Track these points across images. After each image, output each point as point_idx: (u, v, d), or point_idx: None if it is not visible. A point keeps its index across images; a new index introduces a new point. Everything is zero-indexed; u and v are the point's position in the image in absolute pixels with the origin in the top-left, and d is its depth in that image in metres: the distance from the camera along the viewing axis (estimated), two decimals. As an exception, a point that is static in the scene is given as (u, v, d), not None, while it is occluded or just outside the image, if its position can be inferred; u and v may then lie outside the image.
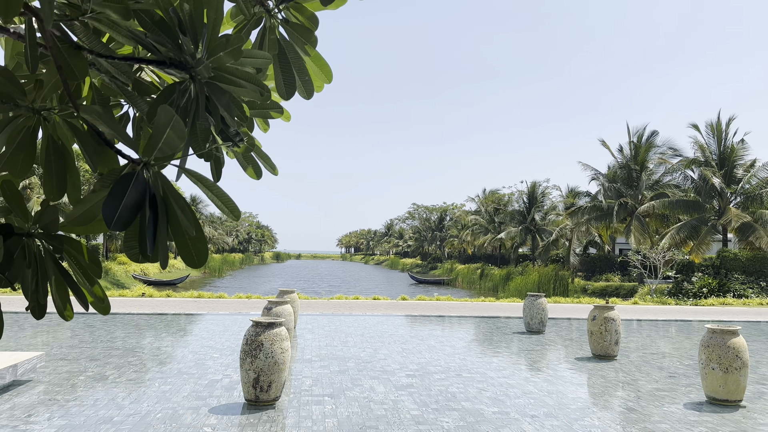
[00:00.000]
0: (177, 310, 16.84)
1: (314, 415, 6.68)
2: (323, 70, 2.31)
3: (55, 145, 1.86)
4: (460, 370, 9.39)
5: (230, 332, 12.72)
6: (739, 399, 7.55)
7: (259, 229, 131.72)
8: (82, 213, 1.59)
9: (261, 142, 2.43)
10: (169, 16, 1.68)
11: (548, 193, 52.85)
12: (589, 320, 10.95)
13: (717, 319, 17.89)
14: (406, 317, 16.43)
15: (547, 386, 8.38)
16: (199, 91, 1.75)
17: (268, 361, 6.84)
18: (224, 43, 1.67)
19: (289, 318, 11.20)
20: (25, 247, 1.72)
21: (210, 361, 9.57)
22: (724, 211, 30.57)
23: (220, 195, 1.78)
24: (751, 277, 28.92)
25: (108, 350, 10.40)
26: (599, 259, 42.18)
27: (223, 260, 76.87)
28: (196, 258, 1.64)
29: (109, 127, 1.56)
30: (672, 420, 6.82)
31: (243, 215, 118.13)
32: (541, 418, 6.76)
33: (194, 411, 6.71)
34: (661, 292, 29.49)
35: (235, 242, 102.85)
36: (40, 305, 1.79)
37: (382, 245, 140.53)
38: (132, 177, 1.52)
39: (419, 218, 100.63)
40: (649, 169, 36.54)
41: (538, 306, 13.88)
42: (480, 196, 66.27)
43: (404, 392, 7.83)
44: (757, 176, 31.19)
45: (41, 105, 1.84)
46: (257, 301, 19.98)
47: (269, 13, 2.11)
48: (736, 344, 7.54)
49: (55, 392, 7.44)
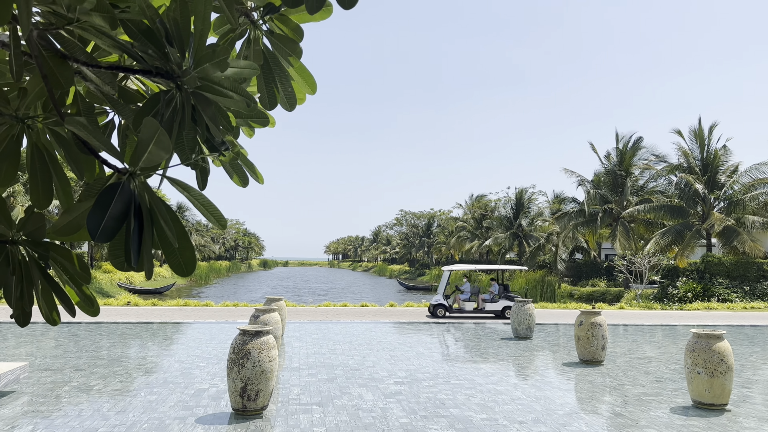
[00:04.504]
0: (163, 318, 16.68)
1: (302, 424, 6.64)
2: (307, 81, 2.32)
3: (40, 153, 1.85)
4: (448, 376, 9.39)
5: (217, 341, 12.63)
6: (725, 403, 7.61)
7: (246, 237, 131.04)
8: (68, 222, 1.58)
9: (247, 149, 2.43)
10: (156, 26, 1.68)
11: (535, 199, 53.20)
12: (576, 325, 11.01)
13: (702, 323, 18.06)
14: (395, 324, 16.41)
15: (535, 392, 8.40)
16: (185, 100, 1.75)
17: (256, 369, 6.80)
18: (211, 54, 1.67)
19: (276, 326, 11.14)
20: (9, 255, 1.70)
21: (197, 371, 9.49)
22: (707, 216, 30.92)
23: (206, 204, 1.78)
24: (735, 282, 29.24)
25: (93, 360, 10.27)
26: (585, 264, 42.44)
27: (209, 268, 76.31)
28: (185, 267, 1.64)
29: (93, 137, 1.56)
30: (659, 424, 6.87)
31: (230, 222, 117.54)
32: (530, 424, 6.77)
33: (181, 421, 6.64)
34: (647, 297, 29.71)
35: (222, 250, 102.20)
36: (24, 312, 1.78)
37: (370, 252, 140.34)
38: (117, 187, 1.51)
39: (407, 225, 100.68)
40: (634, 175, 36.89)
41: (526, 312, 13.93)
42: (467, 202, 66.48)
43: (393, 400, 7.81)
44: (740, 182, 31.60)
45: (25, 113, 1.82)
46: (244, 309, 19.86)
47: (254, 24, 2.11)
48: (721, 348, 7.62)
49: (39, 403, 7.34)
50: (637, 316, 20.49)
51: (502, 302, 18.77)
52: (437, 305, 18.48)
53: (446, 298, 18.85)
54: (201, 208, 1.78)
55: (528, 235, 50.75)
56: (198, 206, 1.77)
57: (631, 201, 36.37)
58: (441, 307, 18.47)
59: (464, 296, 19.28)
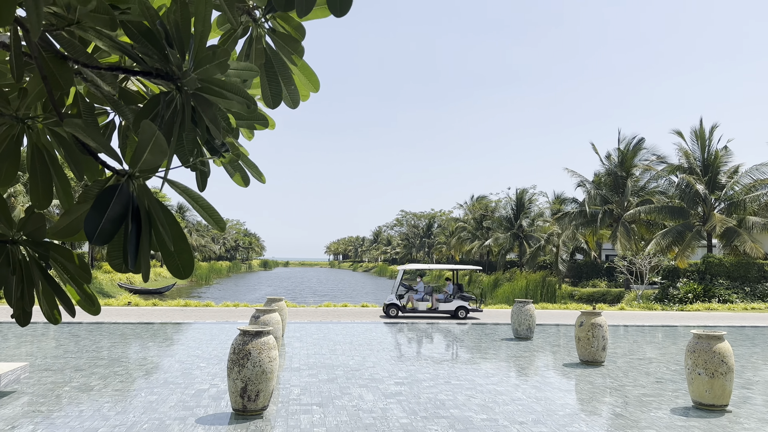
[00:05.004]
0: (163, 319, 16.69)
1: (302, 424, 6.64)
2: (310, 79, 2.32)
3: (40, 153, 1.85)
4: (448, 377, 9.39)
5: (217, 341, 12.63)
6: (725, 404, 7.61)
7: (246, 237, 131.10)
8: (67, 224, 1.58)
9: (248, 150, 2.43)
10: (156, 27, 1.68)
11: (535, 200, 53.18)
12: (576, 326, 11.01)
13: (702, 324, 18.05)
14: (395, 324, 16.41)
15: (535, 393, 8.40)
16: (185, 102, 1.75)
17: (256, 370, 6.80)
18: (211, 56, 1.67)
19: (276, 326, 11.14)
20: (10, 254, 1.70)
21: (197, 371, 9.49)
22: (708, 217, 30.90)
23: (205, 206, 1.78)
24: (736, 282, 29.21)
25: (93, 360, 10.28)
26: (586, 265, 42.43)
27: (210, 268, 76.32)
28: (182, 270, 1.64)
29: (93, 139, 1.56)
30: (659, 425, 6.86)
31: (230, 223, 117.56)
32: (530, 425, 6.77)
33: (181, 421, 6.65)
34: (647, 297, 29.70)
35: (222, 250, 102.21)
36: (25, 312, 1.78)
37: (371, 252, 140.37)
38: (116, 189, 1.51)
39: (407, 225, 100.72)
40: (635, 176, 36.87)
41: (526, 312, 13.93)
42: (468, 203, 66.47)
43: (393, 400, 7.81)
44: (741, 182, 31.58)
45: (25, 114, 1.83)
46: (245, 310, 19.86)
47: (256, 22, 2.11)
48: (722, 349, 7.61)
49: (39, 403, 7.34)
50: (637, 317, 20.48)
51: (456, 302, 18.55)
52: (390, 305, 18.26)
53: (400, 297, 18.67)
54: (200, 211, 1.78)
55: (528, 235, 50.74)
56: (197, 209, 1.77)
57: (631, 202, 36.35)
58: (393, 307, 18.23)
59: (418, 296, 19.02)
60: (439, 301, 18.77)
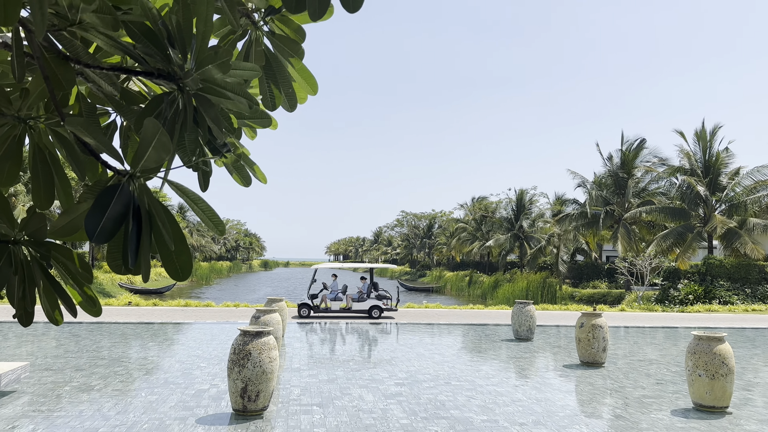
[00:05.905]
0: (164, 319, 16.70)
1: (303, 424, 6.64)
2: (309, 81, 2.32)
3: (42, 153, 1.85)
4: (449, 378, 9.39)
5: (218, 341, 12.64)
6: (726, 405, 7.60)
7: (246, 237, 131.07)
8: (67, 223, 1.58)
9: (249, 150, 2.43)
10: (158, 27, 1.68)
11: (536, 201, 53.10)
12: (576, 327, 11.00)
13: (703, 325, 18.04)
14: (395, 325, 16.41)
15: (535, 394, 8.40)
16: (187, 102, 1.75)
17: (256, 370, 6.80)
18: (213, 56, 1.68)
19: (277, 326, 11.14)
20: (12, 255, 1.71)
21: (197, 371, 9.49)
22: (709, 219, 30.88)
23: (205, 209, 1.78)
24: (737, 284, 29.19)
25: (94, 360, 10.28)
26: (587, 266, 42.39)
27: (210, 268, 76.32)
28: (181, 271, 1.64)
29: (94, 139, 1.56)
30: (659, 427, 6.86)
31: (231, 223, 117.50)
32: (530, 426, 6.76)
33: (181, 421, 6.65)
34: (648, 299, 29.68)
35: (223, 250, 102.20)
36: (27, 312, 1.78)
37: (371, 253, 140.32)
38: (117, 189, 1.51)
39: (408, 225, 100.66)
40: (636, 177, 36.85)
41: (527, 313, 13.92)
42: (468, 204, 66.44)
43: (393, 401, 7.81)
44: (742, 184, 31.56)
45: (27, 114, 1.83)
46: (245, 310, 19.86)
47: (255, 25, 2.11)
48: (722, 351, 7.61)
49: (39, 403, 7.34)
50: (638, 318, 20.47)
51: (370, 301, 18.29)
52: (301, 305, 18.00)
53: (313, 297, 18.36)
54: (200, 213, 1.78)
55: (529, 236, 50.70)
56: (197, 211, 1.77)
57: (632, 203, 36.33)
58: (305, 307, 17.96)
59: (331, 295, 18.66)
60: (353, 300, 18.45)
